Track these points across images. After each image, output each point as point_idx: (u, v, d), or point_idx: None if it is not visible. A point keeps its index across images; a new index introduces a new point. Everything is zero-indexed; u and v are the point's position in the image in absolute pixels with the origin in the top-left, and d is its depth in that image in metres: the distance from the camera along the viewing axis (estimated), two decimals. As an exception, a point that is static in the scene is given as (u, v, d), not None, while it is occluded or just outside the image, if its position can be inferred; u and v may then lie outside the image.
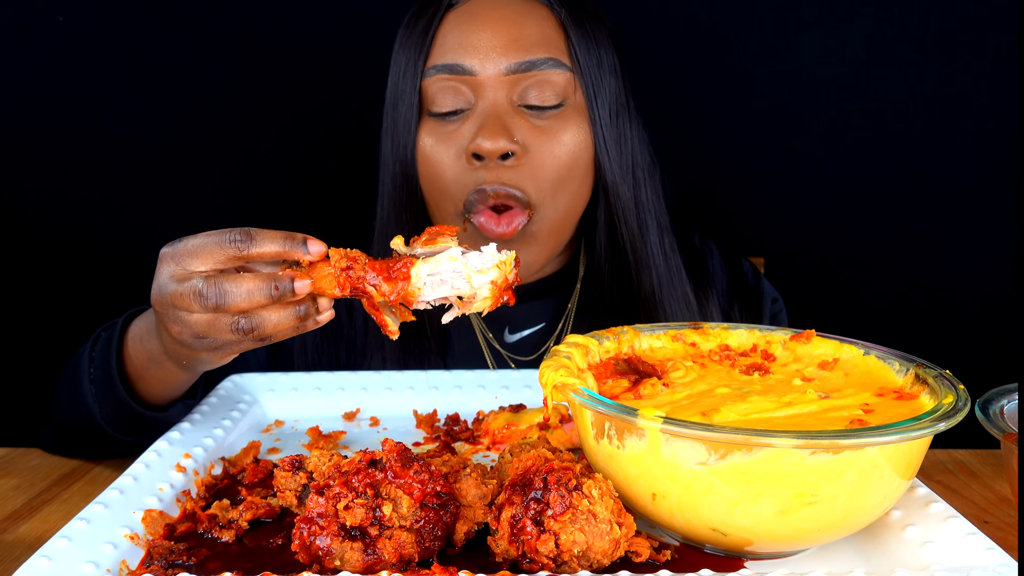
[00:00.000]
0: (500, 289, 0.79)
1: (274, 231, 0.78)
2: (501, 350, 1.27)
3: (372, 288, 0.78)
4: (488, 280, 0.78)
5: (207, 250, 0.77)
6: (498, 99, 1.10)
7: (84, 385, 1.01)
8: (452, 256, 0.78)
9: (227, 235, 0.77)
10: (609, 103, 1.15)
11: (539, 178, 1.11)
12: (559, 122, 1.12)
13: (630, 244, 1.19)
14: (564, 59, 1.12)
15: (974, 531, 0.69)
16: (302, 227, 1.62)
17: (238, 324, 0.77)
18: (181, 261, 0.78)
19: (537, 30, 1.11)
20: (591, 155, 1.15)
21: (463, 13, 1.12)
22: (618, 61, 1.18)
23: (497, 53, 1.09)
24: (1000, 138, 1.74)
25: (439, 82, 1.11)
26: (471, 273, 0.78)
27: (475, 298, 0.79)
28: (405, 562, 0.67)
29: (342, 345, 1.29)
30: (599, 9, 1.19)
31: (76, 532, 0.70)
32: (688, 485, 0.66)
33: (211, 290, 0.76)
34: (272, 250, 0.77)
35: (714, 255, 1.35)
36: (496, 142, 1.07)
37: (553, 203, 1.13)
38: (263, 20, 1.74)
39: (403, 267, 0.77)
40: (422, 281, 0.78)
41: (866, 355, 0.83)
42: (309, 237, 0.78)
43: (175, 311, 0.79)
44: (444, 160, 1.12)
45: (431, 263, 0.78)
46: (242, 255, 0.77)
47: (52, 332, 1.82)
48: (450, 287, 0.78)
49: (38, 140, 1.77)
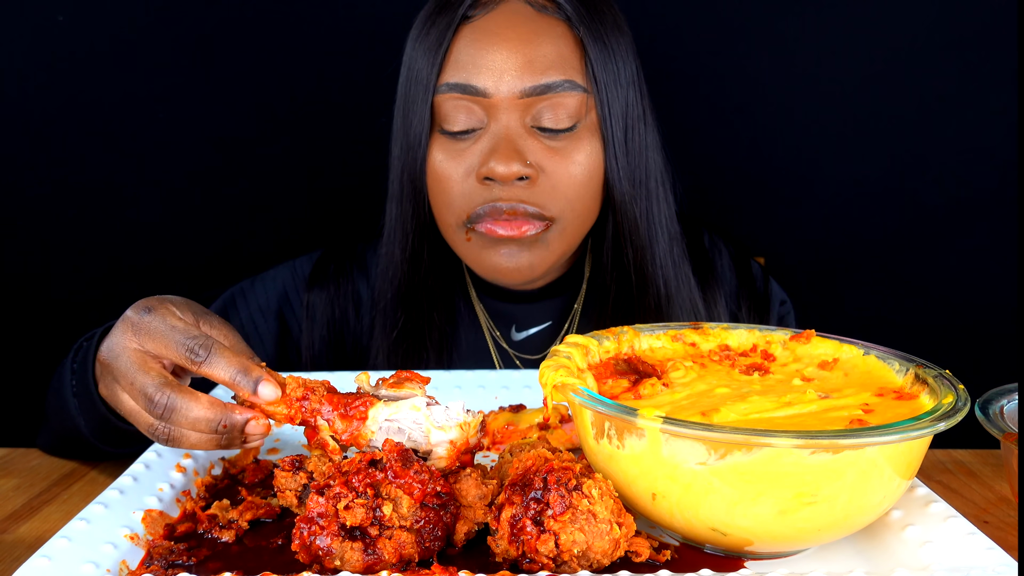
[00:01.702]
0: (458, 451, 0.74)
1: (232, 357, 0.75)
2: (507, 348, 1.28)
3: (324, 423, 0.75)
4: (447, 439, 0.73)
5: (165, 344, 0.76)
6: (511, 122, 1.09)
7: (68, 398, 1.01)
8: (415, 405, 0.74)
9: (188, 340, 0.75)
10: (624, 118, 1.13)
11: (556, 196, 1.10)
12: (572, 143, 1.11)
13: (634, 260, 1.18)
14: (579, 79, 1.10)
15: (974, 531, 0.69)
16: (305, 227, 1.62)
17: (155, 430, 0.75)
18: (142, 339, 0.77)
19: (553, 50, 1.09)
20: (603, 172, 1.14)
21: (478, 29, 1.10)
22: (636, 68, 1.16)
23: (511, 76, 1.07)
24: (1001, 139, 1.74)
25: (452, 100, 1.10)
26: (431, 428, 0.73)
27: (430, 455, 0.74)
28: (405, 562, 0.67)
29: (348, 338, 1.29)
30: (618, 16, 1.16)
31: (76, 532, 0.70)
32: (688, 485, 0.66)
33: (161, 399, 0.74)
34: (222, 378, 0.75)
35: (723, 256, 1.34)
36: (510, 167, 1.07)
37: (572, 216, 1.13)
38: (267, 17, 1.74)
39: (362, 406, 0.74)
40: (378, 425, 0.74)
41: (866, 355, 0.83)
42: (264, 376, 0.75)
43: (112, 383, 0.78)
44: (453, 176, 1.11)
45: (392, 408, 0.74)
46: (191, 369, 0.75)
47: (52, 332, 1.82)
48: (407, 437, 0.74)
49: (38, 140, 1.77)
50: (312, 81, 1.77)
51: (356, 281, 1.31)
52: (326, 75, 1.76)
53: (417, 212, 1.18)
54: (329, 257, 1.33)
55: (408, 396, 0.76)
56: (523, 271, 1.13)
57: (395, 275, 1.22)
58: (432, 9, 1.14)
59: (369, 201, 1.29)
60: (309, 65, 1.76)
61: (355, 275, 1.31)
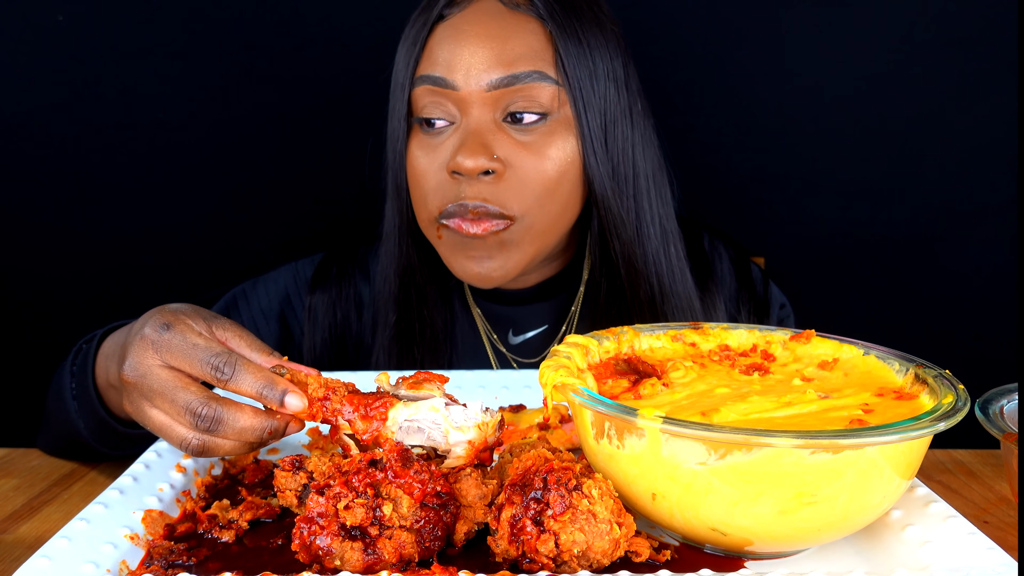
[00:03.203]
0: (476, 450, 0.76)
1: (256, 371, 0.76)
2: (505, 352, 1.28)
3: (346, 423, 0.76)
4: (466, 439, 0.75)
5: (190, 362, 0.76)
6: (481, 116, 1.09)
7: (68, 400, 1.01)
8: (434, 406, 0.75)
9: (212, 358, 0.76)
10: (602, 113, 1.12)
11: (523, 193, 1.10)
12: (544, 136, 1.10)
13: (622, 256, 1.17)
14: (550, 71, 1.10)
15: (974, 531, 0.69)
16: (306, 226, 1.62)
17: (188, 443, 0.76)
18: (165, 357, 0.77)
19: (523, 43, 1.09)
20: (580, 167, 1.13)
21: (450, 27, 1.11)
22: (622, 65, 1.15)
23: (479, 69, 1.08)
24: (1001, 139, 1.74)
25: (426, 95, 1.11)
26: (450, 428, 0.75)
27: (449, 455, 0.75)
28: (405, 562, 0.67)
29: (350, 341, 1.29)
30: (603, 12, 1.16)
31: (76, 532, 0.70)
32: (688, 485, 0.66)
33: (209, 412, 0.75)
34: (249, 392, 0.76)
35: (723, 259, 1.34)
36: (476, 160, 1.06)
37: (540, 213, 1.12)
38: (267, 18, 1.74)
39: (381, 407, 0.75)
40: (398, 425, 0.75)
41: (866, 355, 0.83)
42: (290, 388, 0.76)
43: (140, 399, 0.78)
44: (428, 171, 1.12)
45: (411, 408, 0.75)
46: (217, 386, 0.76)
47: (52, 331, 1.83)
48: (426, 436, 0.75)
49: (39, 140, 1.77)
50: (313, 82, 1.77)
51: (358, 284, 1.31)
52: (326, 76, 1.76)
53: (401, 209, 1.19)
54: (331, 260, 1.33)
55: (427, 396, 0.77)
56: (495, 277, 1.13)
57: (388, 274, 1.23)
58: (416, 13, 1.16)
59: (371, 204, 1.29)
60: (309, 66, 1.76)
61: (357, 278, 1.31)
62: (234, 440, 0.77)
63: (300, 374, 0.79)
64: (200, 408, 0.75)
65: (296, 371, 0.79)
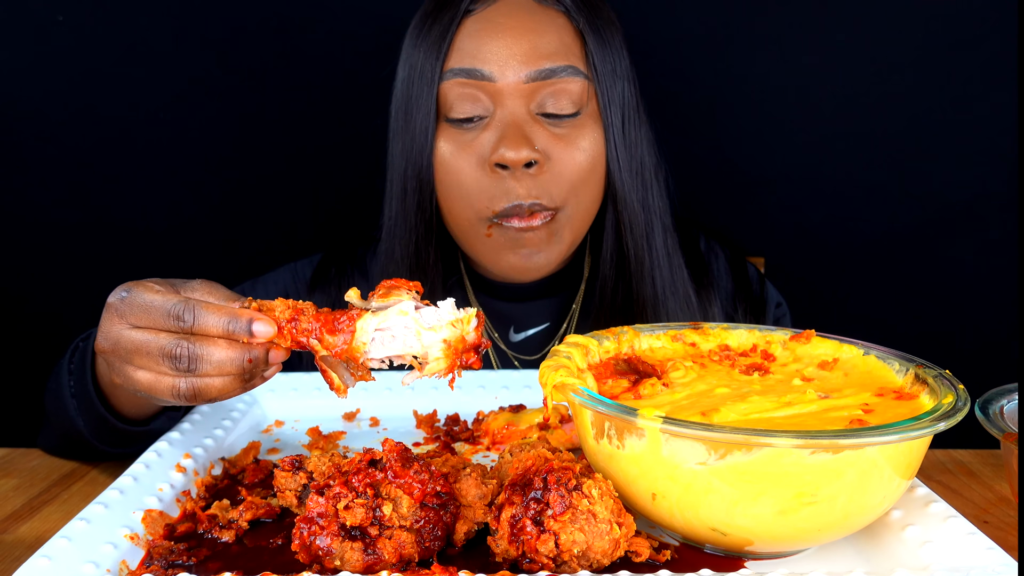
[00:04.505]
0: (456, 350, 0.72)
1: (217, 309, 0.75)
2: (506, 349, 1.28)
3: (316, 341, 0.74)
4: (439, 339, 0.71)
5: (151, 318, 0.76)
6: (517, 108, 1.11)
7: (67, 399, 1.01)
8: (402, 310, 0.72)
9: (171, 308, 0.75)
10: (622, 108, 1.16)
11: (561, 184, 1.12)
12: (576, 129, 1.13)
13: (634, 251, 1.19)
14: (581, 67, 1.13)
15: (974, 531, 0.69)
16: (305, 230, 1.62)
17: (178, 390, 0.76)
18: (129, 319, 0.77)
19: (556, 38, 1.12)
20: (604, 161, 1.16)
21: (481, 20, 1.12)
22: (630, 63, 1.19)
23: (516, 61, 1.10)
24: (1000, 139, 1.74)
25: (457, 87, 1.11)
26: (421, 329, 0.71)
27: (427, 359, 0.72)
28: (405, 562, 0.67)
29: None
30: (610, 12, 1.19)
31: (76, 532, 0.70)
32: (688, 485, 0.66)
33: (182, 351, 0.74)
34: (215, 332, 0.75)
35: (719, 258, 1.35)
36: (519, 152, 1.08)
37: (576, 204, 1.15)
38: (267, 17, 1.74)
39: (348, 320, 0.73)
40: (368, 336, 0.72)
41: (866, 355, 0.83)
42: (255, 316, 0.75)
43: (122, 365, 0.78)
44: (465, 168, 1.12)
45: (379, 317, 0.73)
46: (184, 331, 0.75)
47: (52, 331, 1.82)
48: (402, 343, 0.72)
49: (38, 140, 1.77)
50: (312, 84, 1.77)
51: (357, 284, 1.31)
52: (326, 78, 1.76)
53: (422, 207, 1.18)
54: (330, 260, 1.33)
55: (396, 303, 0.74)
56: (539, 268, 1.16)
57: (394, 273, 1.22)
58: (430, 9, 1.16)
59: (369, 205, 1.29)
60: (309, 68, 1.76)
61: (356, 278, 1.31)
62: (218, 375, 0.75)
63: (267, 303, 0.77)
64: (173, 349, 0.74)
65: (262, 302, 0.77)
